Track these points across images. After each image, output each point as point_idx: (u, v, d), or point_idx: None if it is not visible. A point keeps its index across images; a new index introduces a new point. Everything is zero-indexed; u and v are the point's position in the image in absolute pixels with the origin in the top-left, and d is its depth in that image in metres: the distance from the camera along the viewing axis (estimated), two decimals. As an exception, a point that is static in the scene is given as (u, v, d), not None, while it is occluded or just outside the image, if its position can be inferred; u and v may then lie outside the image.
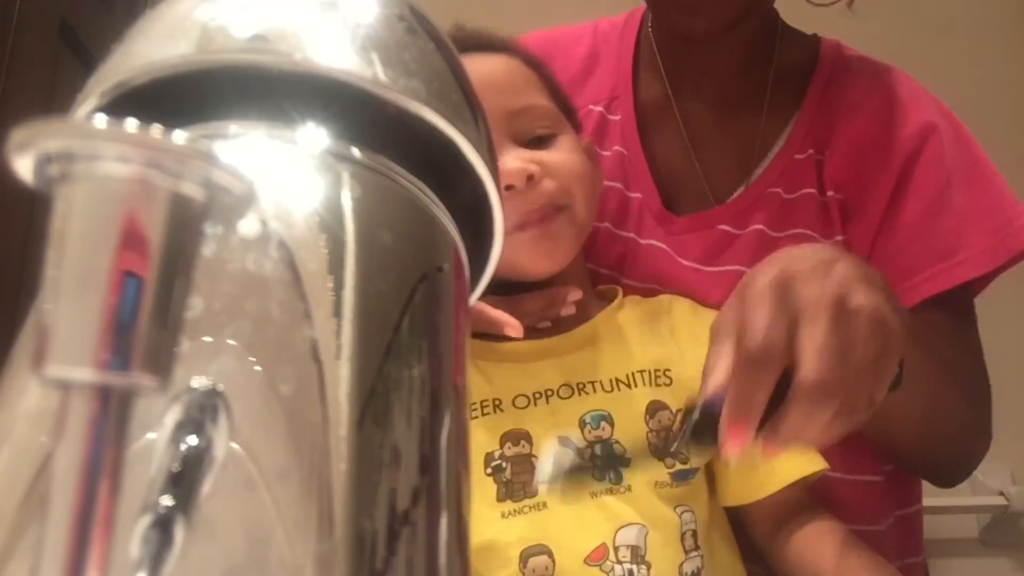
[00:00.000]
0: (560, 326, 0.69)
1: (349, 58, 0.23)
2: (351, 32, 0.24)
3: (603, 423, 0.65)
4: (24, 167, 0.16)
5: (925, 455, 0.73)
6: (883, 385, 0.47)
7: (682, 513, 0.63)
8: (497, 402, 0.66)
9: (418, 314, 0.22)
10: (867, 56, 0.83)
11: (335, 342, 0.19)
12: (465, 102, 0.25)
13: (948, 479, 0.77)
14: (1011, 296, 1.57)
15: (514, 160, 0.64)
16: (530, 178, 0.64)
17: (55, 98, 1.22)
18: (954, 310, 0.74)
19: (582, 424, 0.64)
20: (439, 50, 0.26)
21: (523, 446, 0.64)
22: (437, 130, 0.24)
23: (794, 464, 0.66)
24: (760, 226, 0.76)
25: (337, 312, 0.20)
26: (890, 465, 0.75)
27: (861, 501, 0.73)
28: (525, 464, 0.63)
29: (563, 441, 0.64)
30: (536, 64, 0.72)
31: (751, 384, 0.44)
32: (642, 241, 0.79)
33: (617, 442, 0.64)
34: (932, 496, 1.36)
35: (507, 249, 0.56)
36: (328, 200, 0.21)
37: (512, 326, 0.63)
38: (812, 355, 0.43)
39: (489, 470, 0.63)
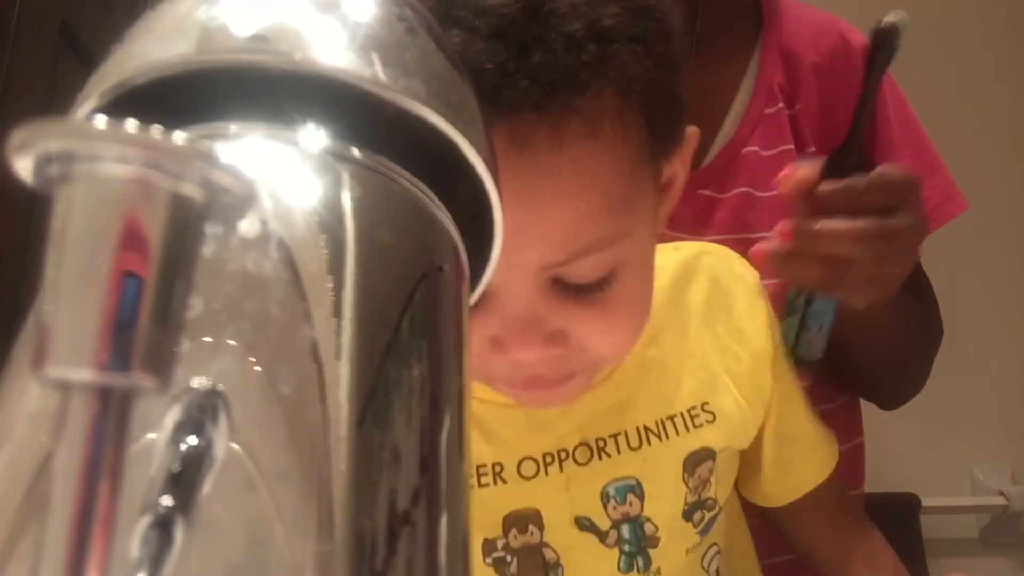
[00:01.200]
0: None
1: (349, 58, 0.23)
2: (351, 32, 0.24)
3: (630, 496, 0.53)
4: (24, 167, 0.16)
5: (883, 375, 0.78)
6: (906, 262, 0.57)
7: (706, 556, 0.57)
8: (498, 468, 0.53)
9: (418, 314, 0.22)
10: (805, 4, 0.85)
11: (335, 342, 0.19)
12: (465, 102, 0.25)
13: (891, 402, 0.84)
14: (1011, 297, 1.57)
15: (525, 343, 0.44)
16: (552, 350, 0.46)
17: (55, 98, 1.22)
18: None
19: (604, 499, 0.53)
20: (439, 50, 0.26)
21: (532, 534, 0.52)
22: (437, 130, 0.24)
23: (819, 464, 0.63)
24: (744, 188, 0.76)
25: (337, 312, 0.20)
26: (838, 401, 0.79)
27: None
28: (535, 559, 0.52)
29: (581, 524, 0.53)
30: (649, 84, 0.44)
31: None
32: None
33: (648, 520, 0.53)
34: (932, 496, 1.37)
35: (502, 387, 0.49)
36: (328, 200, 0.21)
37: None
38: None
39: (490, 560, 0.52)
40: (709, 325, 0.59)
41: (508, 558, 0.52)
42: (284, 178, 0.22)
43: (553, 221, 0.42)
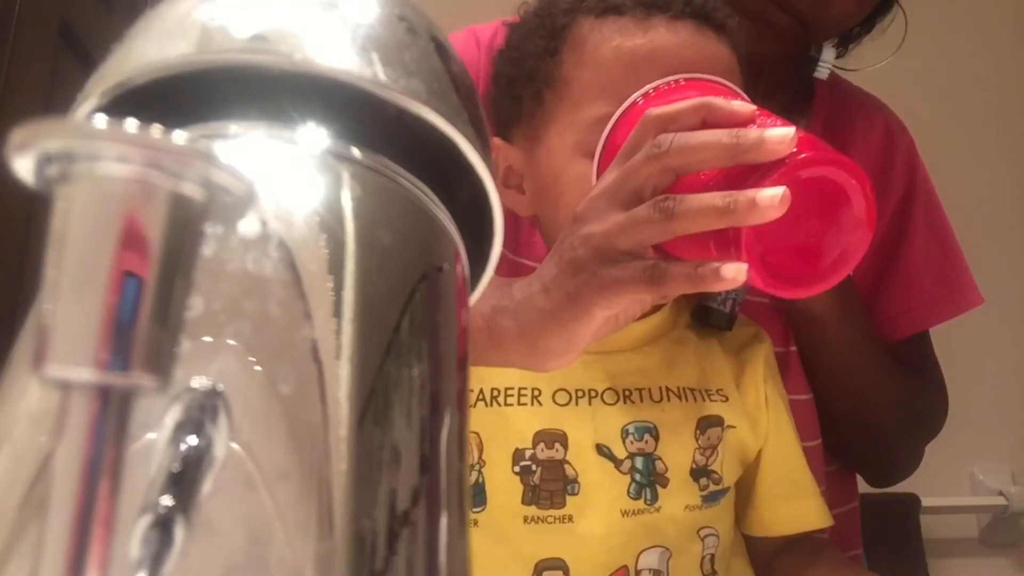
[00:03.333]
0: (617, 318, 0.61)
1: (349, 58, 0.23)
2: (351, 32, 0.24)
3: (647, 436, 0.60)
4: (24, 167, 0.16)
5: (869, 440, 0.81)
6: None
7: (705, 537, 0.62)
8: (536, 392, 0.60)
9: (418, 314, 0.22)
10: (855, 85, 0.89)
11: (335, 342, 0.19)
12: (465, 102, 0.25)
13: (881, 478, 0.87)
14: (1011, 298, 1.57)
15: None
16: None
17: (55, 98, 1.22)
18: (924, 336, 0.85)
19: (624, 434, 0.60)
20: (439, 50, 0.26)
21: (557, 450, 0.59)
22: (437, 130, 0.24)
23: (818, 514, 0.67)
24: None
25: (337, 312, 0.20)
26: (832, 466, 0.81)
27: None
28: (557, 471, 0.59)
29: (600, 450, 0.59)
30: (740, 58, 0.61)
31: None
32: None
33: (659, 458, 0.60)
34: (932, 496, 1.37)
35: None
36: (328, 200, 0.21)
37: None
38: None
39: (517, 468, 0.59)
40: (723, 344, 0.67)
41: (533, 467, 0.59)
42: (284, 178, 0.22)
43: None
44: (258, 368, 0.18)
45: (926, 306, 0.81)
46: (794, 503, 0.66)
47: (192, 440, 0.17)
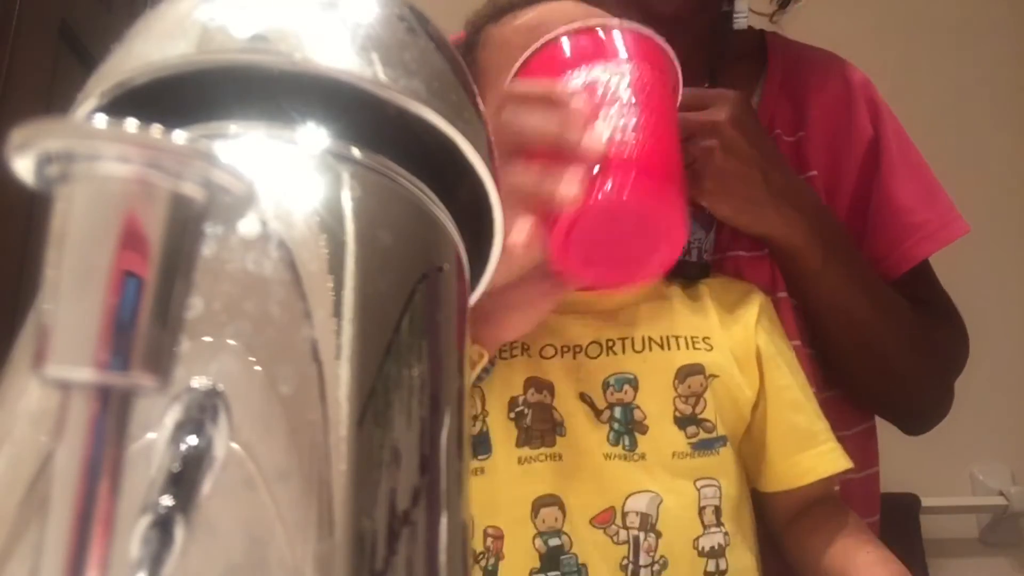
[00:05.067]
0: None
1: (349, 58, 0.23)
2: (351, 32, 0.24)
3: (626, 386, 0.64)
4: (24, 167, 0.16)
5: (889, 384, 0.81)
6: (740, 160, 0.66)
7: (703, 487, 0.62)
8: (525, 346, 0.65)
9: (418, 314, 0.22)
10: (810, 45, 0.91)
11: (335, 342, 0.19)
12: (465, 102, 0.25)
13: (914, 423, 0.87)
14: (1011, 299, 1.57)
15: None
16: None
17: (55, 98, 1.23)
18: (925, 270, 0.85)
19: (604, 386, 0.63)
20: (439, 50, 0.26)
21: (545, 395, 0.63)
22: (437, 130, 0.24)
23: (833, 458, 0.67)
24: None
25: (337, 312, 0.20)
26: (858, 426, 0.82)
27: None
28: (545, 413, 0.63)
29: (583, 397, 0.63)
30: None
31: None
32: None
33: (638, 407, 0.63)
34: (932, 496, 1.37)
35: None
36: (328, 200, 0.21)
37: None
38: None
39: (512, 415, 0.63)
40: (712, 297, 0.70)
41: (525, 411, 0.63)
42: (284, 178, 0.22)
43: None
44: (258, 368, 0.18)
45: (916, 235, 0.82)
46: (807, 451, 0.66)
47: (192, 440, 0.17)
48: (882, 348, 0.78)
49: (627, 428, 0.63)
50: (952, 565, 1.52)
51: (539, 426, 0.63)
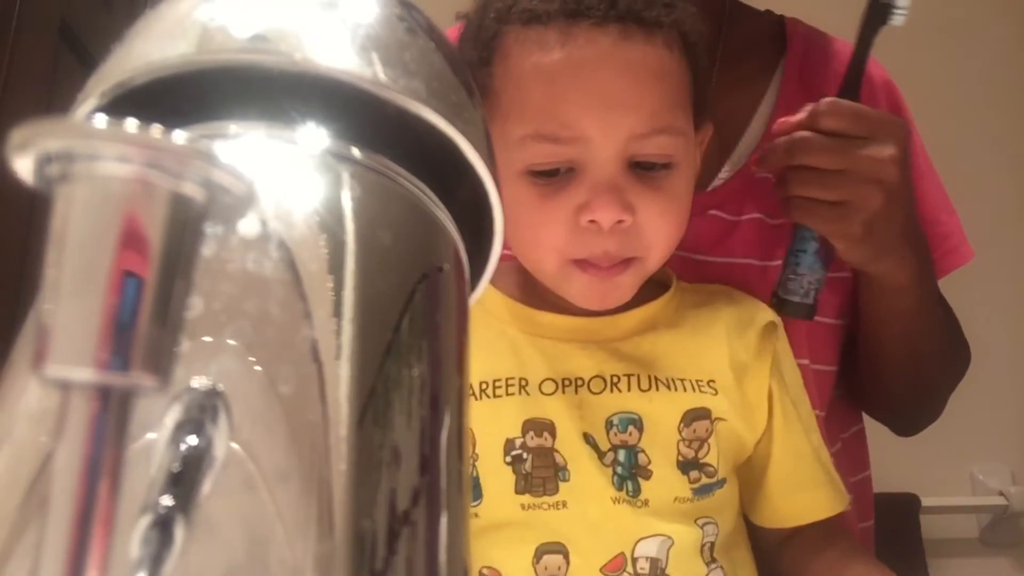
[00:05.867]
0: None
1: (349, 58, 0.23)
2: (351, 32, 0.24)
3: (631, 427, 0.61)
4: (24, 167, 0.16)
5: (904, 391, 0.80)
6: (892, 205, 0.62)
7: (704, 525, 0.61)
8: (523, 382, 0.61)
9: (418, 314, 0.22)
10: (831, 36, 0.87)
11: (335, 342, 0.19)
12: (465, 102, 0.25)
13: (906, 426, 0.86)
14: (1011, 299, 1.57)
15: (610, 205, 0.57)
16: (620, 221, 0.57)
17: (55, 98, 1.22)
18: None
19: (608, 425, 0.60)
20: (439, 50, 0.26)
21: (546, 438, 0.60)
22: (437, 130, 0.24)
23: (832, 500, 0.66)
24: (757, 215, 0.77)
25: (337, 312, 0.20)
26: (850, 431, 0.82)
27: None
28: (547, 459, 0.60)
29: (587, 439, 0.60)
30: (695, 46, 0.61)
31: None
32: None
33: (642, 451, 0.60)
34: (932, 496, 1.37)
35: (558, 275, 0.61)
36: (328, 200, 0.21)
37: None
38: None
39: (509, 459, 0.60)
40: (727, 333, 0.66)
41: (524, 455, 0.60)
42: (284, 178, 0.22)
43: (647, 95, 0.58)
44: (258, 368, 0.18)
45: (943, 247, 0.80)
46: (808, 492, 0.66)
47: (192, 440, 0.17)
48: (931, 366, 0.77)
49: (630, 472, 0.60)
50: (952, 565, 1.52)
51: (541, 473, 0.60)
